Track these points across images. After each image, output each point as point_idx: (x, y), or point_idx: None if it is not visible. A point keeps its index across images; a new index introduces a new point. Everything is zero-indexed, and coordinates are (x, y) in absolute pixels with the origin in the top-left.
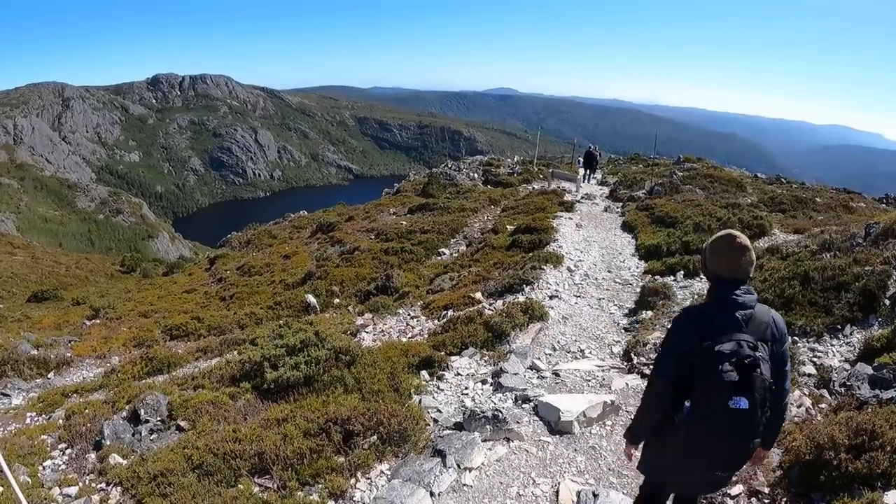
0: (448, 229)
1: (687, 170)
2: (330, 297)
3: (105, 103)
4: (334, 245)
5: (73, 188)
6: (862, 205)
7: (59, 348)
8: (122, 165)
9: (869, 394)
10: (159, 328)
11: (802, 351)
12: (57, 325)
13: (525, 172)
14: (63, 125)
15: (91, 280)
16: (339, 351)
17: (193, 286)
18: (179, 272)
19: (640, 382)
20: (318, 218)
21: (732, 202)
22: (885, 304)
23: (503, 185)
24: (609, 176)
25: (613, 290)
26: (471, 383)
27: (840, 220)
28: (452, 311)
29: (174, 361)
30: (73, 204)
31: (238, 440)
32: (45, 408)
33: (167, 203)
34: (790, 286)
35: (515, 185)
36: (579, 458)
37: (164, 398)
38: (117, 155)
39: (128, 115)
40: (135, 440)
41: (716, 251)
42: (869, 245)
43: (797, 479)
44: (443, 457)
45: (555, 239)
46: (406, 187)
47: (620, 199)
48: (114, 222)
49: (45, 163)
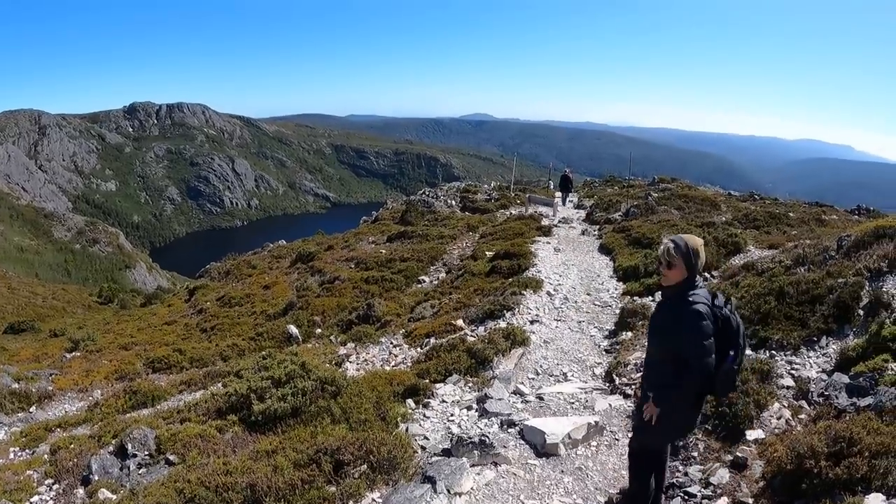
0: (427, 257)
1: (662, 190)
2: (312, 328)
3: (82, 131)
4: (314, 275)
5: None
6: (834, 217)
7: (41, 382)
8: (98, 195)
9: (847, 402)
10: (141, 361)
11: (780, 364)
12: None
13: (502, 198)
14: (39, 153)
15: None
16: (325, 381)
17: (174, 318)
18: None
19: (623, 402)
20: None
21: (707, 221)
22: (859, 314)
23: (481, 212)
24: (585, 199)
25: (593, 312)
26: (456, 410)
27: (813, 234)
28: (435, 339)
29: (158, 394)
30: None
31: (229, 472)
32: (29, 442)
33: (144, 233)
34: (766, 302)
35: (493, 210)
36: (566, 479)
37: (152, 432)
38: (94, 184)
39: (104, 144)
40: (123, 475)
41: (698, 251)
42: (842, 257)
43: (780, 489)
44: (433, 483)
45: (534, 264)
46: (384, 215)
47: (597, 222)
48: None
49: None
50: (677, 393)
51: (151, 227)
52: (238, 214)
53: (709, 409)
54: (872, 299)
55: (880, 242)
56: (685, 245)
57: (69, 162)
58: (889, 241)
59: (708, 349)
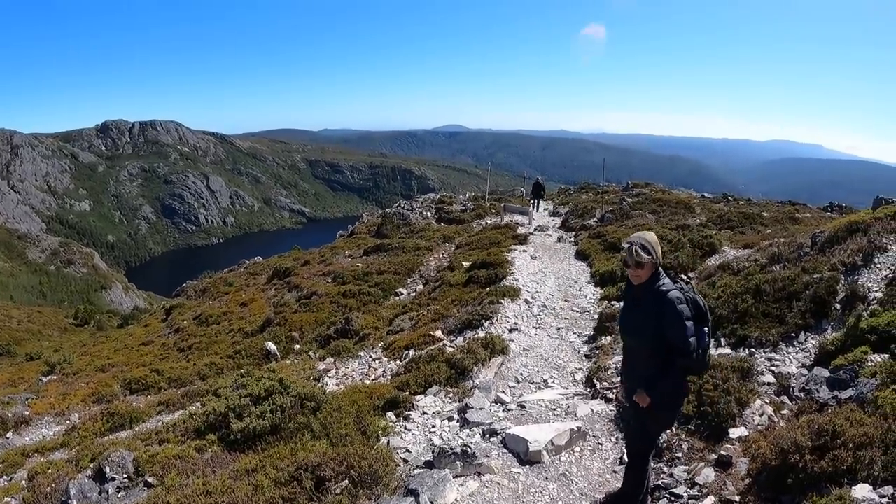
0: (404, 269)
1: (636, 195)
2: (290, 344)
3: (54, 151)
4: (291, 290)
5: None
6: (808, 215)
7: (17, 406)
8: (72, 215)
9: (828, 395)
10: (118, 383)
11: (760, 361)
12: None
13: (478, 208)
14: (12, 174)
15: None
16: (304, 397)
17: (150, 338)
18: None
19: (605, 407)
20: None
21: (682, 223)
22: (835, 308)
23: (457, 222)
24: (560, 206)
25: (572, 318)
26: (437, 421)
27: (787, 232)
28: (414, 351)
29: (136, 416)
30: (24, 255)
31: (209, 493)
32: (6, 468)
33: (119, 252)
34: (743, 300)
35: (469, 221)
36: (551, 486)
37: (130, 454)
38: (67, 204)
39: (77, 163)
40: (102, 499)
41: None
42: (816, 253)
43: (766, 485)
44: (416, 496)
45: (511, 272)
46: (360, 229)
47: (573, 229)
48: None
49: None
50: (670, 379)
51: (127, 246)
52: (214, 232)
53: (690, 409)
54: (849, 293)
55: (854, 237)
56: (649, 243)
57: (42, 182)
58: (862, 236)
59: (690, 330)
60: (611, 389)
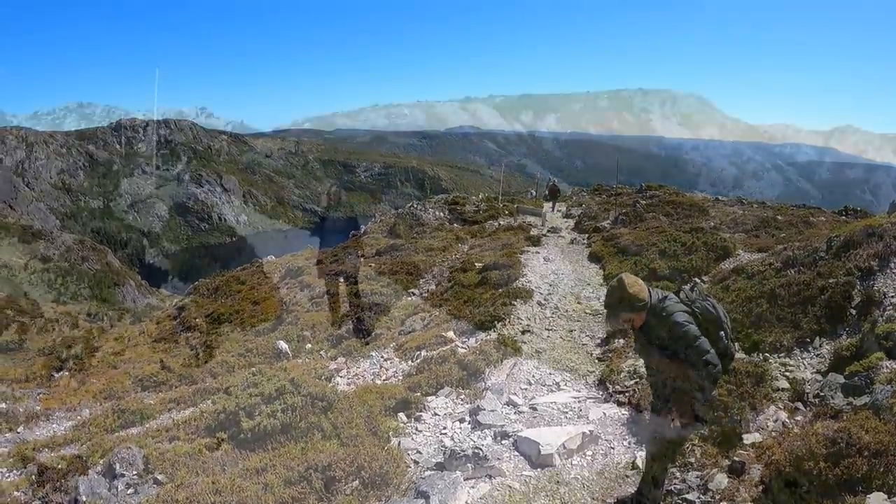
0: (417, 269)
1: (650, 197)
2: (302, 343)
3: (69, 149)
4: (304, 289)
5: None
6: (822, 219)
7: (28, 401)
8: (86, 212)
9: (843, 402)
10: (130, 379)
11: (774, 367)
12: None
13: (490, 209)
14: (27, 171)
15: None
16: (315, 397)
17: (162, 335)
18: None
19: (617, 411)
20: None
21: (696, 226)
22: (851, 313)
23: (470, 223)
24: (573, 208)
25: (584, 320)
26: (449, 423)
27: (802, 236)
28: (426, 352)
29: (147, 413)
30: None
31: (219, 492)
32: (17, 463)
33: (133, 250)
34: (757, 305)
35: (482, 221)
36: (562, 490)
37: (140, 451)
38: (82, 201)
39: (92, 161)
40: (111, 495)
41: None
42: (831, 258)
43: (779, 492)
44: (426, 498)
45: (524, 274)
46: (373, 228)
47: (586, 231)
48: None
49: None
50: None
51: (140, 244)
52: (227, 230)
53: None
54: (864, 298)
55: (870, 241)
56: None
57: (57, 179)
58: (879, 240)
59: (703, 345)
60: (623, 393)
